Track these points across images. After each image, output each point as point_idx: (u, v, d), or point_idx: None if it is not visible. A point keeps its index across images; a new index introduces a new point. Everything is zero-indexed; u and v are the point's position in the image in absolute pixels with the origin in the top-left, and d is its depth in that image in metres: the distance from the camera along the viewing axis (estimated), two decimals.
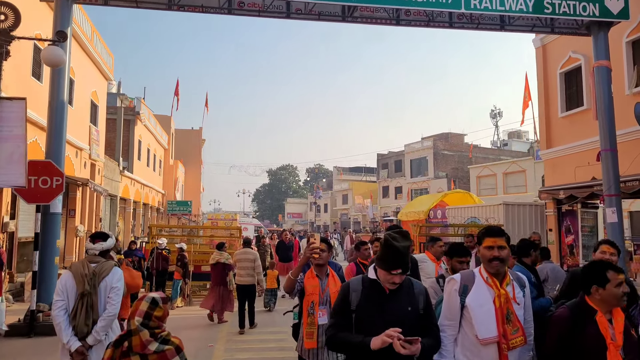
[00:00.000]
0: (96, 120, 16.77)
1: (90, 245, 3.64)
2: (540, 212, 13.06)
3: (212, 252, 12.37)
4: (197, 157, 40.80)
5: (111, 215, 20.13)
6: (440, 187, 44.24)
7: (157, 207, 29.58)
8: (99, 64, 16.40)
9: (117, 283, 3.57)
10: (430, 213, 17.04)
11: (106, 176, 18.22)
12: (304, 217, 76.42)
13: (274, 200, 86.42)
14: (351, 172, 66.58)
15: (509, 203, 13.10)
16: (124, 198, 21.64)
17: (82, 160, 14.98)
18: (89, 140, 15.67)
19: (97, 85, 16.74)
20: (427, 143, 47.12)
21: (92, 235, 3.78)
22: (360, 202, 57.36)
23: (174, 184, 34.00)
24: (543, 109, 12.77)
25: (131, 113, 22.92)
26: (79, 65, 14.44)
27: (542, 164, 35.23)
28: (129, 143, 22.75)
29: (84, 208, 15.53)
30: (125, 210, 22.51)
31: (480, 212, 13.83)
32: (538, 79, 13.08)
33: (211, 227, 12.90)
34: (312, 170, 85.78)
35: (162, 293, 2.68)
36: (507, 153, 49.51)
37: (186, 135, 39.23)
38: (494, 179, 39.28)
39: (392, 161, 52.09)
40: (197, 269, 11.41)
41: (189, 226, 15.75)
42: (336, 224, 63.25)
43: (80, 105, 14.87)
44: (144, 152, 25.21)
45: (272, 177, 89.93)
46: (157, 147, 29.47)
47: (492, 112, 55.88)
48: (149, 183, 26.29)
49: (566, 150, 11.98)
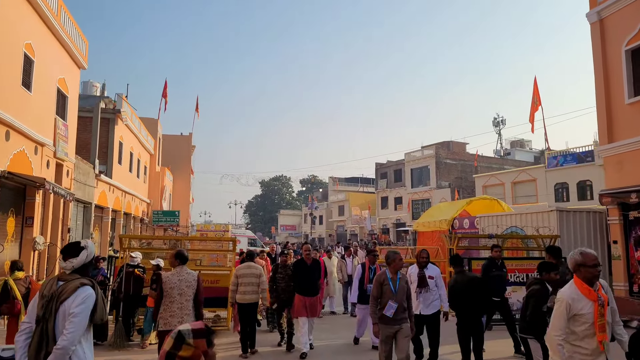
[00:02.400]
0: (64, 113, 14.29)
1: (62, 264, 3.10)
2: (600, 219, 10.81)
3: (200, 268, 9.99)
4: (186, 165, 38.30)
5: (84, 225, 17.52)
6: (443, 197, 42.14)
7: (140, 217, 26.93)
8: (69, 47, 14.00)
9: (76, 308, 2.88)
10: (455, 223, 14.71)
11: (77, 179, 15.68)
12: (297, 229, 73.83)
13: (267, 212, 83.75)
14: (347, 183, 64.32)
15: (562, 209, 10.82)
16: (100, 206, 19.06)
17: (43, 158, 12.47)
18: (53, 135, 13.19)
19: (67, 72, 14.32)
20: (428, 152, 45.08)
21: (62, 249, 3.23)
22: (357, 214, 55.03)
23: (160, 193, 31.41)
24: (602, 96, 10.58)
25: (111, 111, 20.46)
26: (40, 43, 12.04)
27: (554, 172, 33.50)
28: (108, 144, 20.26)
29: (46, 216, 12.98)
30: (102, 219, 19.90)
31: (523, 220, 11.53)
32: (595, 61, 10.91)
33: (200, 239, 10.39)
34: (307, 181, 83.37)
35: (202, 323, 2.06)
36: (511, 162, 47.67)
37: (175, 141, 36.76)
38: (501, 188, 37.24)
39: (392, 170, 49.93)
40: None
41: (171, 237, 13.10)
42: (332, 236, 60.74)
43: (43, 91, 12.42)
44: (126, 156, 22.68)
45: (264, 188, 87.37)
46: (142, 152, 26.95)
47: (495, 120, 54.11)
48: (132, 190, 23.71)
49: (637, 144, 9.76)
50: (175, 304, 5.32)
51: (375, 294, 5.24)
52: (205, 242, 12.94)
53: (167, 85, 31.49)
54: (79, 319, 2.84)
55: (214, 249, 12.30)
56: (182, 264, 5.65)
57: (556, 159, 32.83)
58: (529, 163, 46.84)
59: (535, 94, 32.90)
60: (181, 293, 5.34)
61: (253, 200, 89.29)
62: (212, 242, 10.04)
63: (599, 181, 29.98)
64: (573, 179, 31.46)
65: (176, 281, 5.31)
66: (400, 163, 48.38)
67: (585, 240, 10.45)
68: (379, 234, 48.63)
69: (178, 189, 37.43)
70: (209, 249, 12.64)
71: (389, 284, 5.18)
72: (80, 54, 14.95)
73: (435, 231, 15.73)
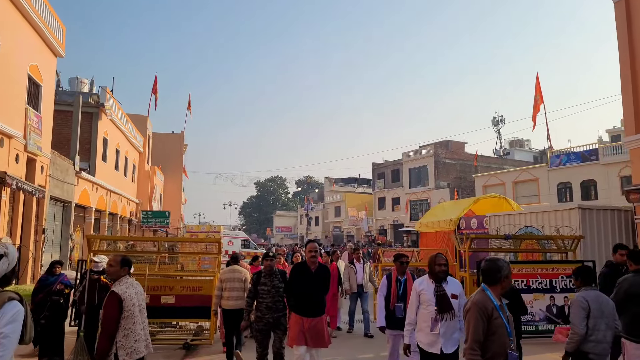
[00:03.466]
0: (38, 104, 13.14)
1: None
2: (626, 218, 9.79)
3: (182, 274, 8.90)
4: (178, 164, 37.09)
5: (63, 225, 16.35)
6: (442, 198, 41.18)
7: (128, 218, 25.74)
8: (42, 32, 12.86)
9: (5, 327, 2.41)
10: (461, 223, 13.67)
11: (54, 176, 14.52)
12: (293, 230, 72.72)
13: (262, 213, 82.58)
14: (344, 183, 63.26)
15: (585, 207, 9.79)
16: (82, 205, 17.89)
17: (11, 151, 11.32)
18: (24, 126, 12.03)
19: (40, 59, 13.16)
20: (427, 151, 44.09)
21: None
22: (354, 215, 54.00)
23: (150, 193, 30.20)
24: (629, 82, 9.57)
25: (94, 105, 19.31)
26: (7, 24, 10.91)
27: (557, 171, 32.59)
28: (91, 140, 19.10)
29: (15, 214, 11.82)
30: (84, 220, 18.73)
31: (540, 219, 10.50)
32: (620, 44, 9.90)
33: (178, 240, 9.25)
34: (303, 181, 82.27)
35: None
36: (510, 162, 46.78)
37: (166, 140, 35.58)
38: (502, 188, 36.27)
39: (389, 171, 48.90)
40: (155, 300, 7.81)
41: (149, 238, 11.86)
42: (327, 237, 59.66)
43: (10, 78, 11.27)
44: (111, 153, 21.51)
45: (260, 189, 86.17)
46: (130, 150, 25.77)
47: (495, 119, 53.20)
48: (118, 190, 22.52)
49: None
50: (138, 325, 4.19)
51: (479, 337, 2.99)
52: (196, 245, 11.85)
53: (157, 81, 30.36)
54: (9, 341, 2.46)
55: (201, 251, 11.19)
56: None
57: (559, 158, 31.91)
58: (528, 163, 45.98)
59: (538, 91, 32.03)
60: (141, 310, 4.22)
61: (248, 201, 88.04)
62: (202, 245, 8.91)
63: (604, 181, 29.08)
64: (577, 179, 30.54)
65: (134, 294, 4.19)
66: (398, 163, 47.38)
67: (610, 240, 9.40)
68: (376, 235, 47.61)
69: (169, 189, 36.22)
70: (196, 252, 11.55)
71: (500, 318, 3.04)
72: (56, 40, 13.81)
73: (439, 232, 14.70)
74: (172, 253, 8.74)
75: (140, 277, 7.52)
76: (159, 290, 7.93)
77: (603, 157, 29.08)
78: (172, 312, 7.89)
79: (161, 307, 7.81)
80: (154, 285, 7.99)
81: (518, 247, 9.47)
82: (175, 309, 7.87)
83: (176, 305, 7.88)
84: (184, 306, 7.88)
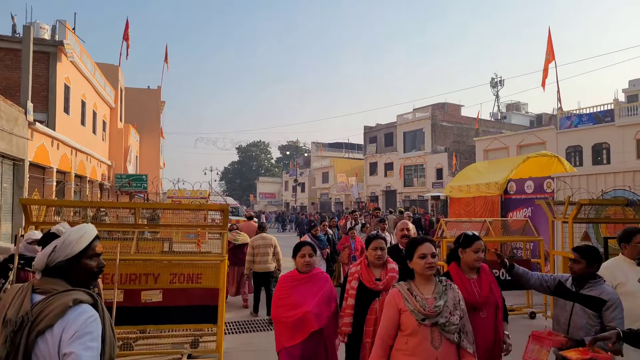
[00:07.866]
0: None
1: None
2: None
3: (172, 258, 6.16)
4: (155, 124, 33.53)
5: (15, 188, 13.26)
6: (439, 163, 39.08)
7: (100, 182, 22.57)
8: None
9: (76, 344, 1.61)
10: (510, 186, 11.25)
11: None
12: (277, 197, 70.24)
13: (244, 179, 79.48)
14: (332, 148, 60.52)
15: None
16: (39, 165, 14.74)
17: None
18: None
19: None
20: (423, 114, 41.51)
21: None
22: (343, 181, 51.60)
23: (124, 154, 26.89)
24: None
25: (50, 43, 15.82)
26: None
27: (566, 134, 30.47)
28: (49, 87, 15.72)
29: None
30: (44, 182, 15.61)
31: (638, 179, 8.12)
32: None
33: (163, 206, 6.45)
34: (287, 147, 79.02)
35: None
36: (508, 127, 44.76)
37: (141, 95, 31.84)
38: (505, 152, 34.20)
39: (382, 134, 46.31)
40: (131, 297, 5.11)
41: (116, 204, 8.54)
42: (314, 204, 57.41)
43: None
44: (76, 104, 18.14)
45: (242, 154, 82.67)
46: (99, 102, 22.29)
47: (493, 81, 50.72)
48: (86, 149, 19.28)
49: None
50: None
51: None
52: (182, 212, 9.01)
53: (129, 26, 26.48)
54: (91, 354, 1.61)
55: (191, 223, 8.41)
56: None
57: (570, 120, 29.82)
58: (525, 127, 44.01)
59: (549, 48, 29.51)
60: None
61: (229, 167, 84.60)
62: (190, 213, 6.16)
63: (619, 143, 27.20)
64: (588, 142, 28.59)
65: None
66: (392, 126, 44.80)
67: None
68: (367, 202, 45.54)
69: (146, 151, 32.82)
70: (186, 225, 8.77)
71: None
72: None
73: (478, 197, 12.28)
74: (161, 226, 6.01)
75: (110, 263, 4.78)
76: (138, 283, 5.21)
77: (619, 119, 27.11)
78: (158, 314, 5.19)
79: (142, 308, 5.13)
80: (130, 272, 5.27)
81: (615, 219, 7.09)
82: (163, 310, 5.19)
83: (165, 305, 5.20)
84: (177, 305, 5.20)
